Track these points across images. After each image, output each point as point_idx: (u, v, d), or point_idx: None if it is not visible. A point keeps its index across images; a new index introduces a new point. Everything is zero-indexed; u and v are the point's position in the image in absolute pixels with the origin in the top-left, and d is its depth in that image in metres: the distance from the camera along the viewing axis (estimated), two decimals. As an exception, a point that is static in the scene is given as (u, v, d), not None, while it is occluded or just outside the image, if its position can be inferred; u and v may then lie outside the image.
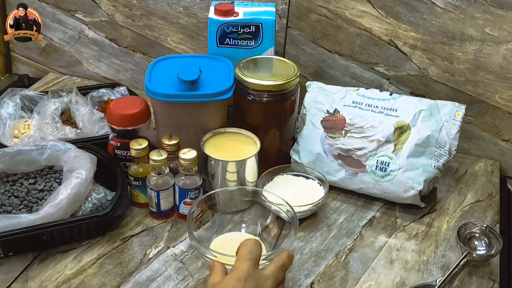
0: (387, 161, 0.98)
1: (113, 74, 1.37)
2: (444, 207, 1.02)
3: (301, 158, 1.04)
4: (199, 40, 1.26)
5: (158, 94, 0.95)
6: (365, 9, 1.12)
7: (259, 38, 1.05)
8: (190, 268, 0.87)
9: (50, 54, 1.39)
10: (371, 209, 1.01)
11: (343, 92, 1.06)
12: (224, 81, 0.98)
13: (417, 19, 1.10)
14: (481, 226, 0.92)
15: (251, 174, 0.97)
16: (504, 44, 1.06)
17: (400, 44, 1.13)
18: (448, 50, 1.10)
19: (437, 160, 0.99)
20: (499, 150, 1.15)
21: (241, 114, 1.04)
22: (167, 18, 1.26)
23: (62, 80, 1.37)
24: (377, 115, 1.01)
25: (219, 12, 1.04)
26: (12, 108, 1.14)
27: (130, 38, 1.31)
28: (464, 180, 1.09)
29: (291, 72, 1.01)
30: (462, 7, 1.06)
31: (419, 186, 0.97)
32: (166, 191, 0.94)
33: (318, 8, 1.15)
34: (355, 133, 1.01)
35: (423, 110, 1.01)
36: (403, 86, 1.16)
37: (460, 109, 1.02)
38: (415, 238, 0.95)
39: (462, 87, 1.12)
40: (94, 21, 1.31)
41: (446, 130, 1.00)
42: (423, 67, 1.13)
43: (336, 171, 1.02)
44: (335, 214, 0.99)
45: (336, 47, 1.17)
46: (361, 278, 0.86)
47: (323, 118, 1.04)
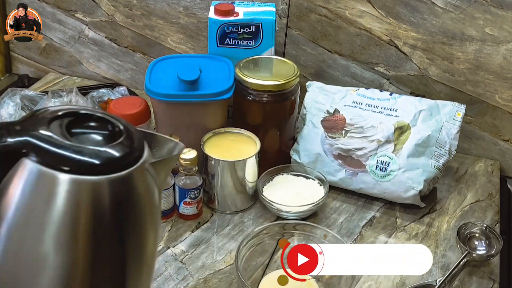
0: (387, 161, 0.98)
1: (113, 74, 1.37)
2: (444, 207, 1.02)
3: (301, 158, 1.04)
4: (199, 40, 1.26)
5: (158, 94, 0.95)
6: (365, 9, 1.12)
7: (259, 38, 1.05)
8: (190, 268, 0.87)
9: (50, 54, 1.39)
10: (371, 209, 1.01)
11: (343, 92, 1.06)
12: (224, 81, 0.98)
13: (417, 19, 1.10)
14: (481, 226, 0.92)
15: (251, 174, 0.97)
16: (504, 44, 1.06)
17: (400, 44, 1.13)
18: (448, 50, 1.10)
19: (437, 160, 0.99)
20: (499, 150, 1.15)
21: (241, 114, 1.04)
22: (167, 18, 1.26)
23: (62, 80, 1.37)
24: (377, 115, 1.01)
25: (219, 12, 1.04)
26: (12, 108, 1.14)
27: (130, 38, 1.31)
28: (464, 180, 1.09)
29: (291, 72, 1.01)
30: (462, 7, 1.06)
31: (419, 186, 0.97)
32: (166, 191, 0.94)
33: (318, 8, 1.15)
34: (355, 133, 1.01)
35: (423, 110, 1.01)
36: (403, 86, 1.16)
37: (460, 109, 1.02)
38: (415, 238, 0.95)
39: (462, 87, 1.12)
40: (94, 21, 1.31)
41: (446, 130, 1.00)
42: (423, 67, 1.13)
43: (336, 171, 1.02)
44: (335, 214, 0.99)
45: (336, 47, 1.17)
46: (361, 278, 0.86)
47: (323, 118, 1.04)
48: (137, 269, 0.58)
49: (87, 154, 0.50)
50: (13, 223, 0.51)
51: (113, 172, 0.51)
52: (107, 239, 0.53)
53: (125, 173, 0.52)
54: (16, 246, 0.52)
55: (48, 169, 0.49)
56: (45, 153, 0.50)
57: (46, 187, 0.50)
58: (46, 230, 0.50)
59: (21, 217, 0.50)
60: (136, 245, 0.56)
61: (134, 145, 0.54)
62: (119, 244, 0.54)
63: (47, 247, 0.51)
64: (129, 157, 0.53)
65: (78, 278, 0.53)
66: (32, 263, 0.52)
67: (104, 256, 0.54)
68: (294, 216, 0.95)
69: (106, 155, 0.52)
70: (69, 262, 0.52)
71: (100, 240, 0.53)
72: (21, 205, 0.50)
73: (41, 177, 0.50)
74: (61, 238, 0.51)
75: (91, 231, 0.52)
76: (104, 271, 0.54)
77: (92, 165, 0.50)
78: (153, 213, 0.58)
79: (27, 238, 0.51)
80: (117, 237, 0.54)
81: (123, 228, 0.54)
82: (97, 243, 0.53)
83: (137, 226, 0.56)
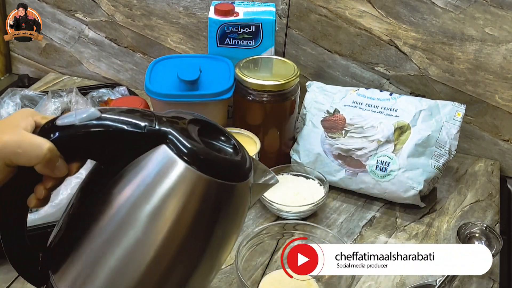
0: (387, 161, 0.98)
1: (113, 74, 1.37)
2: (444, 207, 1.02)
3: (301, 158, 1.04)
4: (199, 40, 1.26)
5: (158, 94, 0.95)
6: (365, 9, 1.12)
7: (259, 38, 1.05)
8: (190, 268, 0.87)
9: (50, 54, 1.39)
10: (371, 209, 1.01)
11: (343, 92, 1.06)
12: (224, 81, 0.98)
13: (417, 19, 1.10)
14: (481, 226, 0.92)
15: (251, 174, 0.97)
16: (504, 44, 1.06)
17: (400, 44, 1.13)
18: (448, 50, 1.10)
19: (437, 160, 0.99)
20: (499, 150, 1.15)
21: (241, 114, 1.04)
22: (167, 18, 1.26)
23: (62, 80, 1.37)
24: (377, 115, 1.01)
25: (219, 12, 1.04)
26: (12, 108, 1.14)
27: (130, 38, 1.31)
28: (464, 180, 1.09)
29: (291, 72, 1.01)
30: (462, 7, 1.06)
31: (419, 186, 0.97)
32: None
33: (318, 8, 1.15)
34: (355, 133, 1.01)
35: (423, 110, 1.01)
36: (403, 86, 1.16)
37: (460, 109, 1.02)
38: (415, 238, 0.95)
39: (462, 87, 1.12)
40: (94, 21, 1.31)
41: (446, 130, 1.00)
42: (423, 67, 1.13)
43: (336, 171, 1.02)
44: (335, 214, 0.99)
45: (336, 47, 1.17)
46: (361, 278, 0.86)
47: (323, 118, 1.04)
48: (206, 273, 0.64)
49: (210, 154, 0.58)
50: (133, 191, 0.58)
51: (225, 179, 0.59)
52: (199, 232, 0.59)
53: (233, 184, 0.60)
54: (126, 209, 0.58)
55: (178, 158, 0.57)
56: (180, 144, 0.57)
57: (169, 170, 0.57)
58: (153, 203, 0.57)
59: (141, 187, 0.58)
60: (216, 250, 0.62)
61: (247, 164, 0.62)
62: (204, 241, 0.60)
63: (147, 218, 0.57)
64: (242, 172, 0.61)
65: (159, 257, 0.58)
66: (129, 228, 0.58)
67: (186, 245, 0.59)
68: (294, 216, 0.95)
69: (225, 162, 0.60)
70: (158, 239, 0.57)
71: (192, 229, 0.59)
72: (145, 178, 0.58)
73: (169, 162, 0.57)
74: (162, 214, 0.57)
75: (188, 219, 0.58)
76: (180, 260, 0.60)
77: (211, 165, 0.58)
78: (238, 227, 0.65)
79: (137, 205, 0.57)
80: (207, 234, 0.60)
81: (214, 230, 0.60)
82: (188, 231, 0.59)
83: (225, 234, 0.62)
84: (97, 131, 0.57)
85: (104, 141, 0.58)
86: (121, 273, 0.58)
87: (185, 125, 0.60)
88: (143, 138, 0.57)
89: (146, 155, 0.58)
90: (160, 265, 0.58)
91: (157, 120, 0.58)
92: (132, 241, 0.58)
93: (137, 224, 0.57)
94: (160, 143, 0.57)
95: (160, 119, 0.59)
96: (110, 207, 0.58)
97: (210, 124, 0.64)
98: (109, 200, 0.58)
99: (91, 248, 0.59)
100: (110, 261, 0.58)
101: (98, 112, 0.57)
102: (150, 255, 0.58)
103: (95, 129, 0.57)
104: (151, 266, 0.58)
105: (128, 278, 0.58)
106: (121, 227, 0.58)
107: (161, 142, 0.57)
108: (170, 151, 0.57)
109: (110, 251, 0.58)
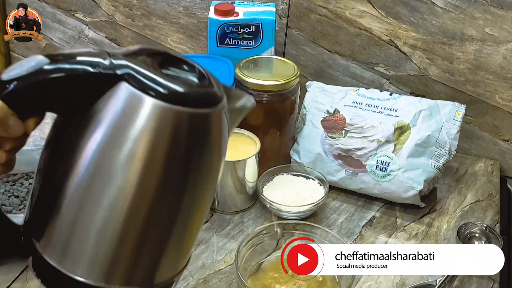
0: (387, 161, 0.98)
1: (113, 74, 1.36)
2: (444, 207, 1.02)
3: (301, 158, 1.04)
4: (199, 40, 1.26)
5: (158, 94, 0.95)
6: (365, 9, 1.12)
7: (259, 38, 1.05)
8: (190, 268, 0.87)
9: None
10: (371, 209, 1.01)
11: (343, 92, 1.06)
12: (224, 81, 0.98)
13: (417, 19, 1.10)
14: (481, 226, 0.92)
15: (251, 174, 0.97)
16: (504, 44, 1.06)
17: (400, 44, 1.13)
18: (448, 50, 1.10)
19: (437, 160, 0.99)
20: (499, 150, 1.15)
21: (241, 114, 1.04)
22: (167, 18, 1.26)
23: (62, 80, 1.37)
24: (377, 115, 1.01)
25: (219, 12, 1.04)
26: (12, 108, 1.14)
27: (130, 38, 1.31)
28: (464, 180, 1.09)
29: (291, 72, 1.01)
30: (462, 7, 1.06)
31: (419, 186, 0.97)
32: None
33: (318, 8, 1.15)
34: (355, 133, 1.01)
35: (423, 110, 1.01)
36: (403, 86, 1.16)
37: (460, 109, 1.02)
38: (415, 238, 0.95)
39: (462, 87, 1.12)
40: (94, 21, 1.32)
41: (446, 130, 1.00)
42: (423, 67, 1.13)
43: (336, 171, 1.02)
44: (335, 214, 0.99)
45: (336, 47, 1.17)
46: (361, 278, 0.86)
47: (323, 118, 1.04)
48: (192, 211, 0.60)
49: (176, 84, 0.55)
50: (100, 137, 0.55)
51: (195, 107, 0.55)
52: (176, 167, 0.56)
53: (206, 111, 0.56)
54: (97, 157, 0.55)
55: (140, 93, 0.54)
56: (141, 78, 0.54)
57: (134, 108, 0.54)
58: (124, 145, 0.54)
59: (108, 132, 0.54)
60: (198, 184, 0.59)
61: (217, 89, 0.58)
62: (185, 176, 0.57)
63: (121, 162, 0.54)
64: (212, 97, 0.57)
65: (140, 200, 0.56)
66: (104, 176, 0.55)
67: (168, 183, 0.56)
68: (294, 216, 0.95)
69: (191, 90, 0.56)
70: (136, 181, 0.55)
71: (170, 166, 0.56)
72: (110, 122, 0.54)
73: (132, 99, 0.54)
74: (136, 155, 0.54)
75: (164, 156, 0.55)
76: (164, 198, 0.57)
77: (178, 95, 0.54)
78: (220, 158, 0.61)
79: (107, 151, 0.55)
80: (185, 168, 0.57)
81: (192, 162, 0.57)
82: (167, 168, 0.56)
83: (204, 165, 0.58)
84: (48, 79, 0.53)
85: (57, 88, 0.54)
86: (105, 224, 0.56)
87: (144, 58, 0.56)
88: (99, 77, 0.54)
89: (107, 97, 0.54)
90: (142, 208, 0.56)
91: (111, 57, 0.55)
92: (110, 189, 0.54)
93: (112, 171, 0.54)
94: (119, 80, 0.54)
95: (115, 55, 0.55)
96: (80, 160, 0.55)
97: (171, 56, 0.60)
98: (78, 153, 0.55)
99: (70, 206, 0.56)
100: (91, 214, 0.56)
101: (46, 58, 0.53)
102: (130, 199, 0.55)
103: (45, 76, 0.53)
104: (132, 210, 0.55)
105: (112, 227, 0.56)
106: (95, 177, 0.55)
107: (120, 79, 0.54)
108: (132, 87, 0.54)
109: (89, 204, 0.55)
